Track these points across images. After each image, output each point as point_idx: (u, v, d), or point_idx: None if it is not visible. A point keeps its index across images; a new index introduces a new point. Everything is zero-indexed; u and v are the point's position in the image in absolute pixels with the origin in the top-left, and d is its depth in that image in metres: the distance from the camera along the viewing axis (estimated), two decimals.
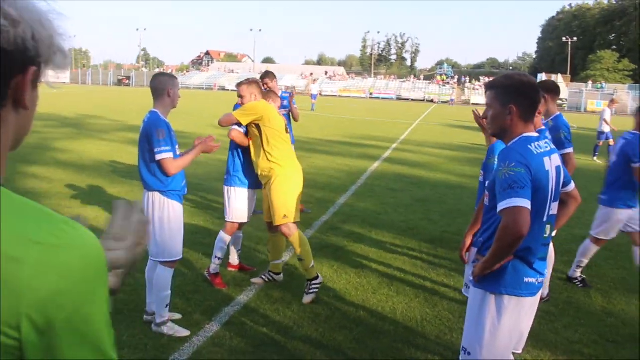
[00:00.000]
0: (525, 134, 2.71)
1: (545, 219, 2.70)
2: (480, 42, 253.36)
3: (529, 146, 2.65)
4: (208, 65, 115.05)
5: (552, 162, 2.71)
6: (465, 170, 13.22)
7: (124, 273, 1.19)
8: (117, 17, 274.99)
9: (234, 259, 5.83)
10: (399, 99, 70.91)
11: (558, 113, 5.19)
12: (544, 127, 4.58)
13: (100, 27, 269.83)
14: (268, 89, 7.91)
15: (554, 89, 5.25)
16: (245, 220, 5.56)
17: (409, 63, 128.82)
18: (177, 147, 4.30)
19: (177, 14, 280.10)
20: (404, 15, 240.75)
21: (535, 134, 2.77)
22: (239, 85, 5.32)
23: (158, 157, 4.08)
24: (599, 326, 4.85)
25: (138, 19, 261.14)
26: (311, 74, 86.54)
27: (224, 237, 5.45)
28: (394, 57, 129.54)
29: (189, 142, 15.07)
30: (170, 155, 4.11)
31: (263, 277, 5.45)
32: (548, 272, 5.07)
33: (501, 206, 2.53)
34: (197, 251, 6.29)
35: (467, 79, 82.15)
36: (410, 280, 5.71)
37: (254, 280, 5.43)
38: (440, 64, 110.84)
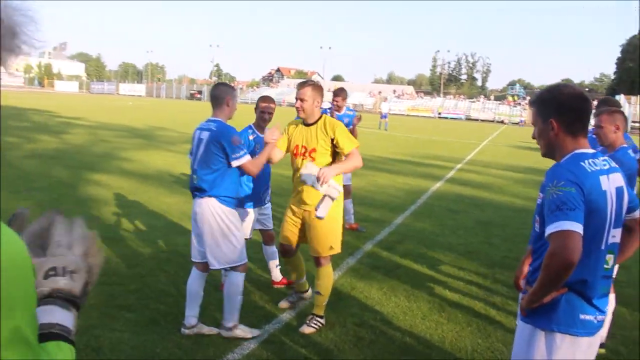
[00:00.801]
0: (577, 150, 2.41)
1: (603, 247, 2.37)
2: (555, 62, 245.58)
3: (582, 163, 2.35)
4: (278, 82, 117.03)
5: (612, 182, 2.38)
6: (531, 193, 12.59)
7: (82, 278, 1.13)
8: (192, 33, 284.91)
9: (276, 275, 5.71)
10: (468, 119, 69.65)
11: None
12: (625, 145, 4.24)
13: (176, 42, 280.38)
14: (337, 105, 7.85)
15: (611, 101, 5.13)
16: (247, 236, 5.40)
17: (479, 83, 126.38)
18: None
19: (250, 31, 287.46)
20: (476, 34, 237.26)
21: (591, 151, 2.45)
22: (303, 85, 4.66)
23: (238, 162, 4.22)
24: None
25: (212, 35, 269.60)
26: (379, 92, 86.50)
27: None
28: (464, 76, 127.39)
29: None
30: (247, 158, 4.28)
31: (290, 300, 5.18)
32: (609, 310, 4.61)
33: (549, 230, 2.24)
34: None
35: None
36: (463, 307, 5.38)
37: (282, 304, 5.11)
38: (512, 84, 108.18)
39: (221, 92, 4.40)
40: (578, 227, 2.19)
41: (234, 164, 4.22)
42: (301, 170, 4.35)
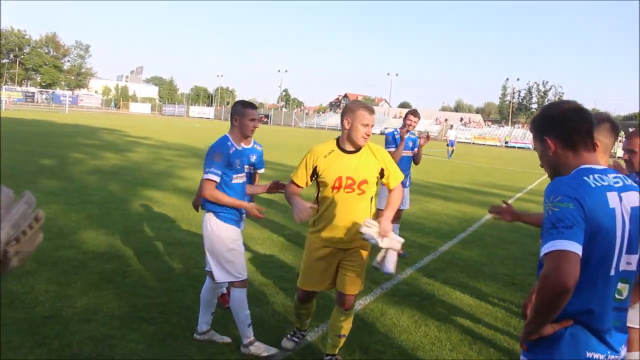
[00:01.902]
0: (583, 166, 2.17)
1: (613, 273, 2.08)
2: (632, 90, 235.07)
3: (585, 178, 2.10)
4: None
5: (625, 201, 2.11)
6: None
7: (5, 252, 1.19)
8: (262, 58, 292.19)
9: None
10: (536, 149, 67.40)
11: None
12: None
13: (246, 67, 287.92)
14: (412, 126, 7.78)
15: None
16: None
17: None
18: (238, 175, 4.36)
19: (319, 57, 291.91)
20: (548, 62, 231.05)
21: (599, 166, 2.19)
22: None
23: (204, 176, 4.16)
24: None
25: (281, 61, 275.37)
26: (446, 120, 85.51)
27: None
28: (534, 105, 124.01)
29: None
30: (213, 177, 4.15)
31: (295, 339, 4.59)
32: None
33: (543, 250, 1.99)
34: (273, 286, 6.09)
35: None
36: (497, 341, 5.04)
37: (286, 344, 4.52)
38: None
39: (231, 111, 4.47)
40: (575, 247, 1.94)
41: (203, 176, 4.18)
42: (362, 230, 3.70)
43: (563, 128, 2.22)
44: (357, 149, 4.01)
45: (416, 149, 8.20)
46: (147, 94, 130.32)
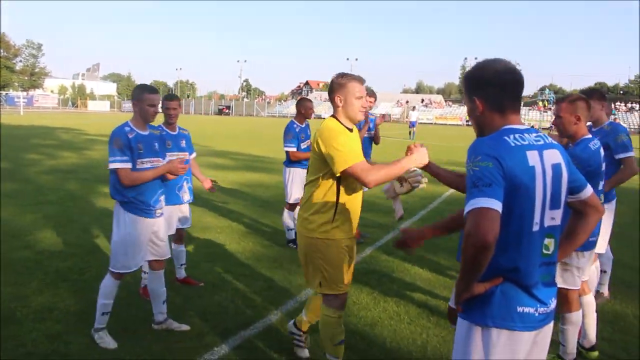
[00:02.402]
0: (506, 126, 2.24)
1: (537, 229, 2.16)
2: (588, 66, 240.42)
3: (506, 137, 2.16)
4: (307, 95, 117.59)
5: (546, 158, 2.18)
6: None
7: None
8: (220, 49, 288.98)
9: (181, 273, 5.76)
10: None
11: (612, 122, 4.76)
12: (589, 136, 3.97)
13: (205, 59, 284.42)
14: (370, 107, 7.79)
15: (596, 94, 4.81)
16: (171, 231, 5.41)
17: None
18: (152, 159, 4.30)
19: (278, 46, 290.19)
20: (503, 39, 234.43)
21: (522, 126, 2.26)
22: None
23: (110, 165, 4.11)
24: None
25: (240, 51, 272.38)
26: (407, 101, 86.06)
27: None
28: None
29: (273, 167, 15.37)
30: (122, 165, 4.09)
31: (299, 343, 4.20)
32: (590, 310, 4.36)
33: (465, 210, 2.06)
34: (234, 272, 6.11)
35: None
36: None
37: (301, 354, 4.16)
38: (542, 89, 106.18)
39: (132, 96, 4.38)
40: (494, 204, 2.00)
41: (109, 166, 4.13)
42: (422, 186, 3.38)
43: (493, 91, 2.25)
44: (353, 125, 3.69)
45: (373, 130, 8.25)
46: (105, 92, 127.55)
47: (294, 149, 7.18)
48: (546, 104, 78.03)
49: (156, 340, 4.33)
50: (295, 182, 7.22)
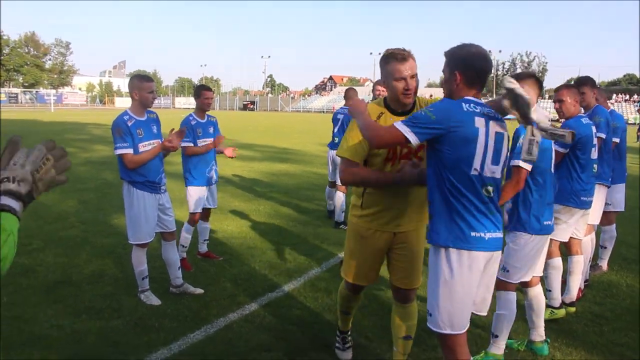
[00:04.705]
0: (467, 97, 2.84)
1: (475, 173, 2.74)
2: (617, 57, 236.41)
3: (463, 103, 2.77)
4: (331, 90, 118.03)
5: (491, 126, 2.77)
6: None
7: (28, 186, 1.61)
8: (244, 45, 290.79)
9: (203, 248, 6.32)
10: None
11: (598, 105, 5.41)
12: (583, 113, 4.67)
13: (230, 56, 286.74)
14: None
15: (589, 82, 5.40)
16: (199, 210, 5.95)
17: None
18: (152, 141, 4.81)
19: (303, 41, 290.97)
20: (531, 32, 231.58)
21: (478, 100, 2.85)
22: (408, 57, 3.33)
23: (116, 152, 4.68)
24: None
25: (264, 47, 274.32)
26: (431, 95, 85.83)
27: (188, 227, 5.97)
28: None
29: (297, 158, 15.96)
30: (125, 150, 4.64)
31: (347, 345, 4.04)
32: (581, 268, 5.02)
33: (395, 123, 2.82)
34: (262, 247, 6.73)
35: None
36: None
37: (342, 357, 4.00)
38: (569, 82, 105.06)
39: (129, 86, 4.82)
40: (404, 131, 2.68)
41: (115, 153, 4.66)
42: (507, 85, 2.79)
43: (472, 68, 2.82)
44: (410, 107, 3.30)
45: None
46: None
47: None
48: None
49: (194, 299, 4.95)
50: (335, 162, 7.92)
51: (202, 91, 5.92)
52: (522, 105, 2.76)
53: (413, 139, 2.68)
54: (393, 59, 3.13)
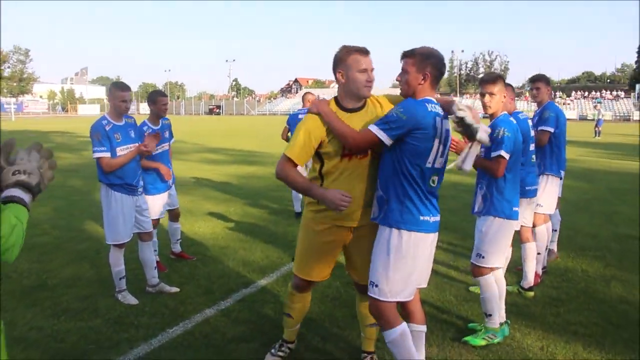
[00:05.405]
0: (428, 97, 3.16)
1: (429, 166, 3.10)
2: (575, 56, 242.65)
3: (426, 104, 3.09)
4: (296, 92, 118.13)
5: (444, 125, 3.14)
6: None
7: (37, 178, 1.82)
8: (208, 50, 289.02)
9: (176, 248, 6.47)
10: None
11: (550, 101, 5.88)
12: (520, 113, 5.03)
13: (193, 60, 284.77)
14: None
15: (543, 79, 5.93)
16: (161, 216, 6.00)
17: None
18: (129, 145, 4.95)
19: (268, 44, 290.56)
20: (492, 32, 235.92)
21: (434, 99, 3.18)
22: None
23: (94, 155, 4.85)
24: (606, 311, 4.88)
25: (228, 51, 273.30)
26: None
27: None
28: (482, 75, 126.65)
29: (265, 160, 16.14)
30: (102, 154, 4.81)
31: (280, 353, 3.95)
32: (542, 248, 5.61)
33: (372, 125, 3.13)
34: (234, 246, 6.90)
35: (559, 94, 79.39)
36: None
37: None
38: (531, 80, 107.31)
39: (108, 94, 5.09)
40: (379, 134, 3.03)
41: (93, 156, 4.82)
42: (459, 113, 3.07)
43: (439, 70, 3.15)
44: (362, 104, 3.36)
45: None
46: (94, 95, 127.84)
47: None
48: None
49: (171, 298, 5.09)
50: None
51: (159, 97, 5.82)
52: (470, 132, 3.11)
53: (385, 139, 3.03)
54: (356, 51, 3.23)
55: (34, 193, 1.82)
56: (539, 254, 5.62)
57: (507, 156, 4.15)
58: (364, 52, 3.25)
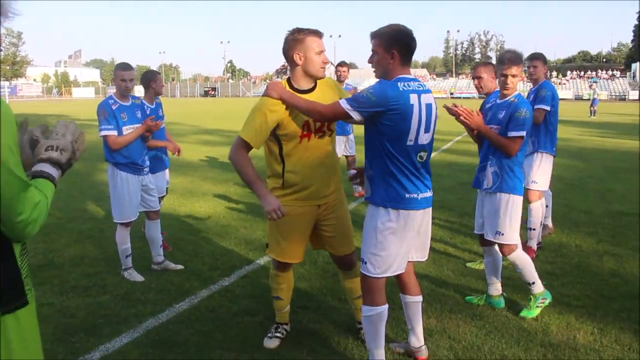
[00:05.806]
0: (401, 76, 3.16)
1: (410, 144, 3.11)
2: (571, 35, 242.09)
3: (398, 83, 3.09)
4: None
5: (422, 100, 3.12)
6: None
7: (68, 155, 1.90)
8: (202, 31, 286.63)
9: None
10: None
11: (545, 80, 5.89)
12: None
13: (188, 42, 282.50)
14: (344, 76, 8.59)
15: (540, 57, 5.91)
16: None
17: (494, 61, 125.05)
18: (135, 125, 5.05)
19: (261, 25, 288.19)
20: (488, 12, 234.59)
21: (410, 76, 3.19)
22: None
23: (100, 133, 4.93)
24: (598, 285, 5.03)
25: (222, 32, 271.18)
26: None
27: None
28: (478, 55, 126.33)
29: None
30: (109, 132, 4.90)
31: (278, 335, 3.95)
32: (538, 222, 5.76)
33: (342, 101, 3.17)
34: (235, 225, 7.02)
35: (555, 73, 79.29)
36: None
37: (267, 344, 3.88)
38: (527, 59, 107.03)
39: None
40: (348, 109, 3.07)
41: (99, 134, 4.90)
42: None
43: (407, 46, 3.13)
44: (314, 85, 3.50)
45: None
46: (89, 78, 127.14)
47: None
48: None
49: (176, 274, 5.23)
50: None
51: (159, 76, 5.88)
52: None
53: (356, 117, 3.07)
54: (312, 34, 3.37)
55: (63, 170, 1.90)
56: (534, 229, 5.76)
57: (523, 134, 4.24)
58: (320, 34, 3.41)
